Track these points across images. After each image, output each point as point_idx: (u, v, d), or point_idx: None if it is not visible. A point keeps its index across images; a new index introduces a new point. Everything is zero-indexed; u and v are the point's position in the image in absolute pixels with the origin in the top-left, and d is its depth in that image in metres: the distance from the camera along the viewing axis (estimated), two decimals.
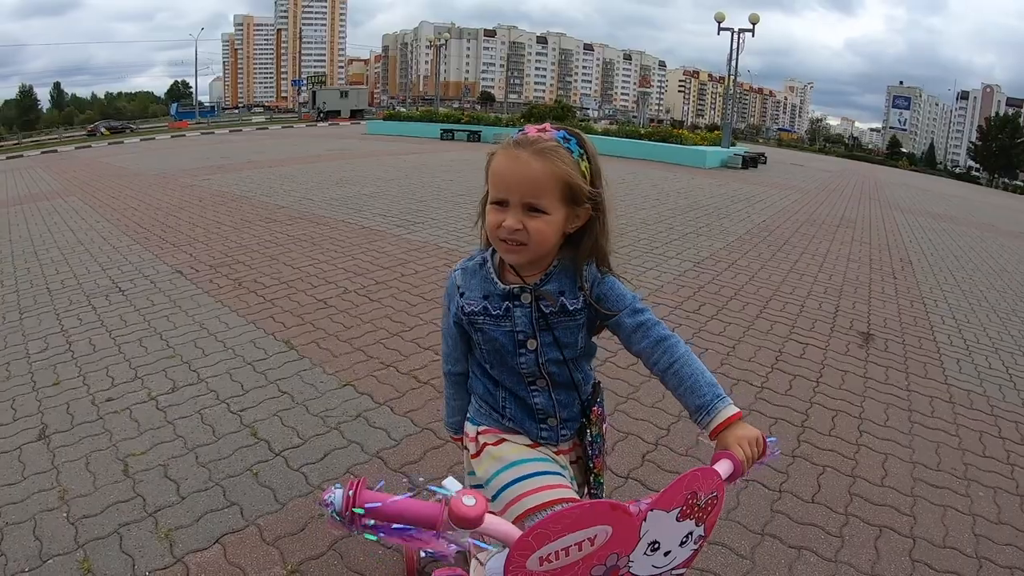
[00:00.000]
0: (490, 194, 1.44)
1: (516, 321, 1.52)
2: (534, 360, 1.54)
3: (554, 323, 1.52)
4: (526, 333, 1.52)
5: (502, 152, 1.41)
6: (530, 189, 1.37)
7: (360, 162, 17.71)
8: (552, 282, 1.51)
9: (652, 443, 3.39)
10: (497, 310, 1.52)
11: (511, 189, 1.38)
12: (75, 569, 2.39)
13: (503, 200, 1.40)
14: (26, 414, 3.63)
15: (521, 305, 1.51)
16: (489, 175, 1.44)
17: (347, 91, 70.33)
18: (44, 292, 5.97)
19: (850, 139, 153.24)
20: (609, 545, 1.02)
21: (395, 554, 2.47)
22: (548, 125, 1.43)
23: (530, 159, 1.36)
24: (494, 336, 1.54)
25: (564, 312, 1.51)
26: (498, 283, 1.53)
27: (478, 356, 1.64)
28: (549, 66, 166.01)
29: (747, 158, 22.54)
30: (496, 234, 1.42)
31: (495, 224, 1.41)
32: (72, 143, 43.02)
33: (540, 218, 1.39)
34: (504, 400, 1.61)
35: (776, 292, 6.43)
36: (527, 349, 1.53)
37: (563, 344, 1.54)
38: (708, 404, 1.40)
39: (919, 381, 4.50)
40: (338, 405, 3.67)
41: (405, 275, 6.28)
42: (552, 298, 1.49)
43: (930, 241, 10.95)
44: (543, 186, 1.37)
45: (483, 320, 1.54)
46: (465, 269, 1.61)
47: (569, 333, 1.54)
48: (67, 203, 11.61)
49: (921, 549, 2.67)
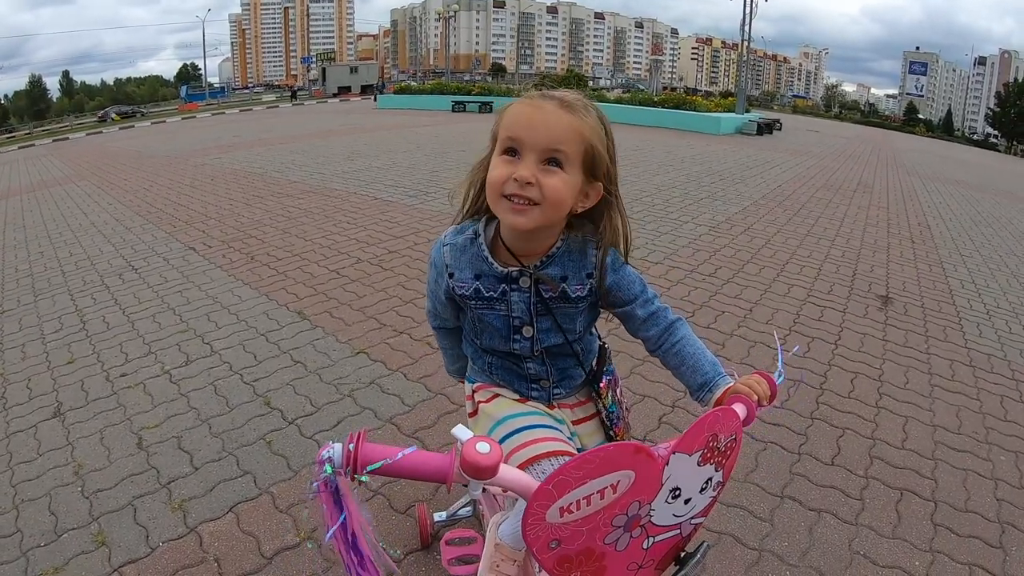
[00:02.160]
0: (500, 144, 1.26)
1: (512, 306, 1.40)
2: (529, 346, 1.46)
3: (554, 308, 1.41)
4: (523, 320, 1.42)
5: (522, 102, 1.25)
6: (551, 138, 1.20)
7: (371, 136, 17.61)
8: (554, 266, 1.37)
9: (669, 406, 3.33)
10: (492, 292, 1.40)
11: (528, 135, 1.21)
12: (90, 542, 2.38)
13: (515, 148, 1.22)
14: (41, 392, 3.63)
15: (519, 289, 1.38)
16: (501, 127, 1.26)
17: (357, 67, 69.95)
18: (58, 274, 5.97)
19: (866, 105, 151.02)
20: (632, 492, 0.95)
21: (409, 519, 2.44)
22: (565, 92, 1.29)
23: (556, 109, 1.22)
24: (488, 320, 1.44)
25: (565, 298, 1.40)
26: (494, 264, 1.38)
27: (466, 326, 1.57)
28: (560, 36, 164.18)
29: (762, 124, 22.20)
30: (502, 189, 1.22)
31: (502, 177, 1.22)
32: (83, 130, 43.12)
33: (557, 174, 1.21)
34: (491, 365, 1.55)
35: (793, 256, 6.32)
36: (523, 336, 1.44)
37: (564, 329, 1.45)
38: (711, 381, 1.33)
39: (939, 344, 4.41)
40: (351, 372, 3.64)
41: (418, 244, 6.22)
42: (553, 284, 1.37)
43: (948, 207, 10.73)
44: (566, 139, 1.21)
45: (475, 304, 1.43)
46: (454, 245, 1.43)
47: (569, 318, 1.44)
48: (79, 187, 11.63)
49: (943, 513, 2.61)
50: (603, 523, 0.96)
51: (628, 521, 0.99)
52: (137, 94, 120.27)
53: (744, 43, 28.65)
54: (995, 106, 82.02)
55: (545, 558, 0.94)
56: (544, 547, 0.93)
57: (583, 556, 0.96)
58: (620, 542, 0.99)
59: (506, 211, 1.24)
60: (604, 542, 0.98)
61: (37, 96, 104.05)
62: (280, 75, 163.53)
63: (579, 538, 0.95)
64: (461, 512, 2.31)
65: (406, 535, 2.36)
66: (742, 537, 2.38)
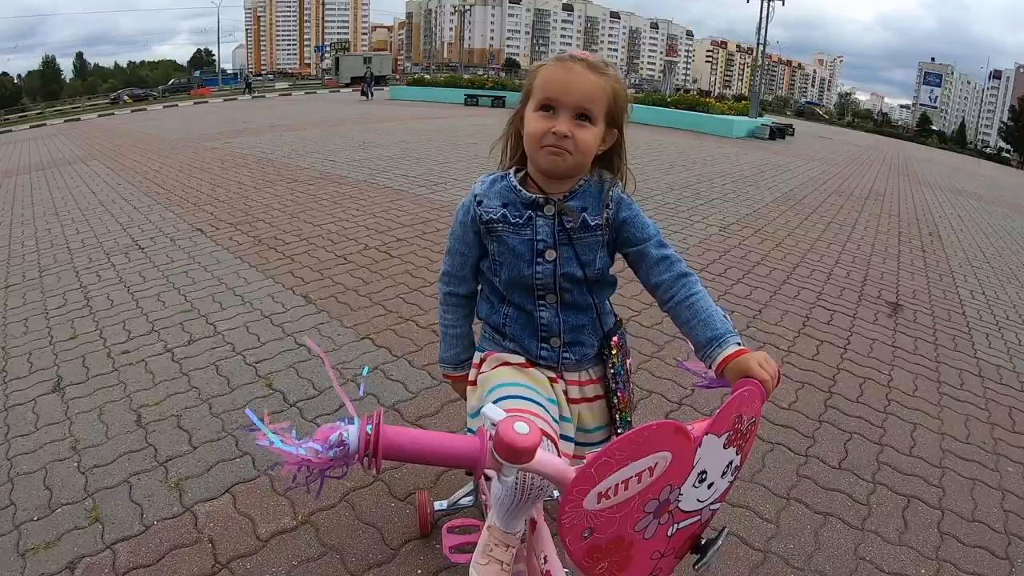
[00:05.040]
0: (536, 101, 1.40)
1: (538, 230, 1.48)
2: (551, 271, 1.50)
3: (575, 238, 1.49)
4: (546, 243, 1.48)
5: (553, 64, 1.41)
6: (584, 97, 1.36)
7: (383, 126, 17.54)
8: (576, 199, 1.48)
9: (675, 403, 3.28)
10: (518, 218, 1.49)
11: (563, 95, 1.36)
12: (83, 517, 2.35)
13: (552, 106, 1.38)
14: (42, 367, 3.61)
15: (543, 216, 1.48)
16: (535, 85, 1.41)
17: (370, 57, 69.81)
18: (64, 251, 5.95)
19: (879, 115, 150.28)
20: (666, 475, 0.91)
21: (408, 506, 2.40)
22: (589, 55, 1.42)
23: (585, 71, 1.37)
24: (512, 244, 1.50)
25: (585, 228, 1.48)
26: (522, 191, 1.50)
27: (487, 270, 1.60)
28: (575, 34, 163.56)
29: (774, 129, 22.00)
30: (542, 140, 1.39)
31: (541, 130, 1.38)
32: (95, 111, 43.10)
33: (588, 128, 1.38)
34: (507, 316, 1.58)
35: (803, 259, 6.26)
36: (545, 259, 1.49)
37: (583, 261, 1.51)
38: (721, 336, 1.33)
39: (948, 353, 4.35)
40: (355, 358, 3.60)
41: (427, 233, 6.18)
42: (574, 214, 1.47)
43: (959, 217, 10.63)
44: (596, 97, 1.37)
45: (502, 227, 1.50)
46: (483, 181, 1.57)
47: (589, 249, 1.51)
48: (89, 167, 11.62)
49: (949, 522, 2.57)
50: (636, 509, 0.91)
51: (659, 506, 0.94)
52: (150, 78, 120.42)
53: (759, 47, 28.46)
54: (1009, 120, 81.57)
55: (576, 548, 0.88)
56: (578, 537, 0.88)
57: (613, 545, 0.91)
58: (648, 529, 0.94)
59: (545, 156, 1.40)
60: (634, 529, 0.93)
61: (50, 77, 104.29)
62: (294, 63, 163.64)
63: (612, 526, 0.90)
64: (463, 501, 2.26)
65: (405, 523, 2.32)
66: (747, 538, 2.33)
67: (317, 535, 2.25)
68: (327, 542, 2.22)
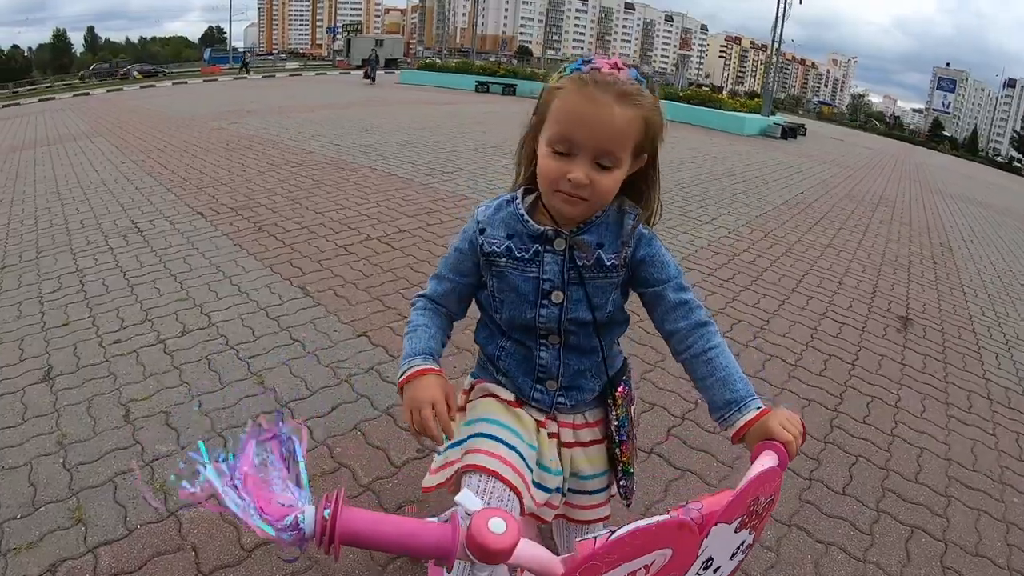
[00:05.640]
0: (551, 135, 1.20)
1: (545, 268, 1.33)
2: (556, 315, 1.35)
3: (587, 277, 1.33)
4: (553, 283, 1.33)
5: (575, 90, 1.18)
6: (608, 141, 1.17)
7: (392, 110, 17.45)
8: (591, 232, 1.31)
9: (679, 417, 3.21)
10: (524, 252, 1.33)
11: (582, 136, 1.17)
12: (66, 517, 2.29)
13: (570, 149, 1.18)
14: (32, 355, 3.54)
15: (552, 251, 1.32)
16: (552, 113, 1.21)
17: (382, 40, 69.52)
18: (63, 231, 5.88)
19: (891, 118, 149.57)
20: (665, 570, 0.82)
21: None
22: (619, 60, 1.20)
23: (612, 104, 1.15)
24: (515, 283, 1.35)
25: (599, 266, 1.32)
26: (529, 222, 1.32)
27: (485, 303, 1.46)
28: (588, 23, 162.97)
29: (786, 128, 21.84)
30: (555, 185, 1.22)
31: (556, 174, 1.20)
32: (104, 86, 42.97)
33: (610, 174, 1.20)
34: (503, 349, 1.44)
35: (813, 266, 6.17)
36: (551, 302, 1.34)
37: (594, 304, 1.35)
38: (741, 400, 1.20)
39: (957, 373, 4.26)
40: (350, 356, 3.52)
41: (431, 224, 6.10)
42: (588, 249, 1.30)
43: (970, 228, 10.50)
44: (623, 137, 1.18)
45: (505, 263, 1.35)
46: (488, 206, 1.41)
47: (602, 291, 1.35)
48: (94, 144, 11.55)
49: (953, 555, 2.49)
50: None
51: None
52: (161, 54, 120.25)
53: (775, 45, 28.21)
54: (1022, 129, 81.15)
55: None
56: None
57: None
58: None
59: (559, 202, 1.24)
60: None
61: (61, 50, 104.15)
62: (305, 43, 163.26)
63: None
64: None
65: None
66: (746, 567, 2.25)
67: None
68: (312, 556, 2.14)
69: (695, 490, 2.66)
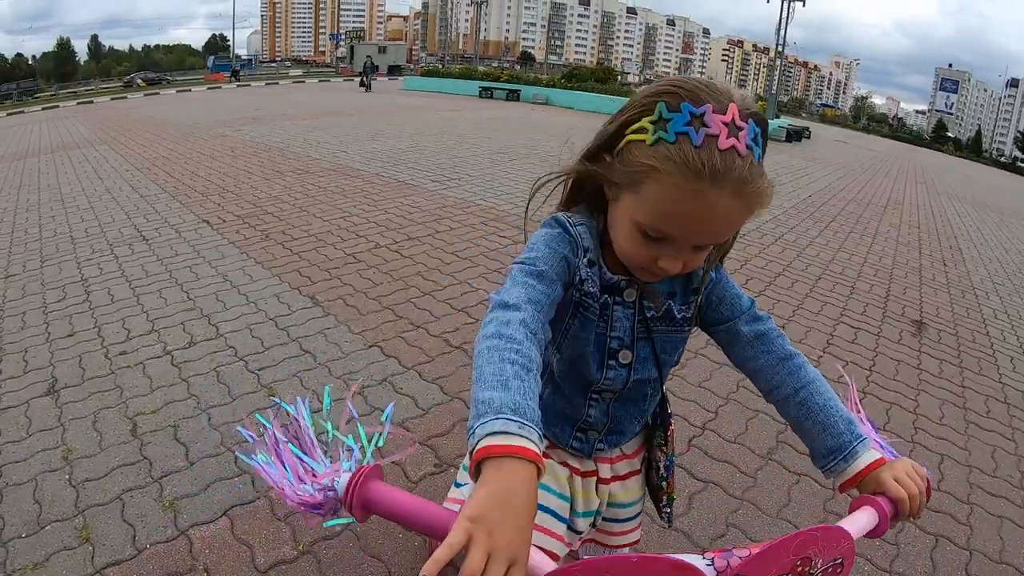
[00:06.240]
0: (642, 220, 0.94)
1: (615, 324, 1.12)
2: (624, 377, 1.16)
3: (655, 331, 1.15)
4: (622, 341, 1.13)
5: (682, 183, 0.87)
6: (715, 235, 0.95)
7: (396, 117, 17.39)
8: (662, 281, 1.10)
9: (699, 427, 3.12)
10: (594, 301, 1.10)
11: (686, 233, 0.93)
12: (73, 537, 2.21)
13: (665, 237, 0.94)
14: (37, 366, 3.47)
15: (623, 303, 1.11)
16: (645, 195, 0.92)
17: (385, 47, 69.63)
18: (67, 240, 5.82)
19: (894, 120, 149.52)
20: None
21: (417, 538, 2.24)
22: (737, 112, 0.88)
23: (728, 199, 0.88)
24: (580, 337, 1.13)
25: (669, 319, 1.14)
26: (604, 270, 1.08)
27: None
28: (591, 28, 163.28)
29: (791, 131, 21.75)
30: (642, 264, 0.99)
31: (645, 260, 0.98)
32: (108, 94, 43.03)
33: (706, 250, 1.01)
34: (543, 398, 1.17)
35: (826, 271, 6.09)
36: (619, 362, 1.15)
37: (661, 360, 1.18)
38: (846, 446, 1.02)
39: (973, 377, 4.18)
40: (363, 367, 3.44)
41: (439, 231, 6.02)
42: (658, 300, 1.12)
43: (979, 230, 10.41)
44: (732, 228, 0.96)
45: (593, 306, 1.10)
46: (585, 226, 1.09)
47: (671, 346, 1.18)
48: (98, 152, 11.51)
49: (978, 563, 2.42)
50: None
51: None
52: (164, 61, 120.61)
53: (778, 48, 28.19)
54: None
55: None
56: None
57: None
58: None
59: (641, 274, 1.04)
60: None
61: (64, 58, 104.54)
62: (309, 51, 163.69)
63: None
64: None
65: (413, 555, 2.17)
66: None
67: (319, 567, 2.10)
68: (330, 575, 2.07)
69: (719, 503, 2.59)
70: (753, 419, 3.22)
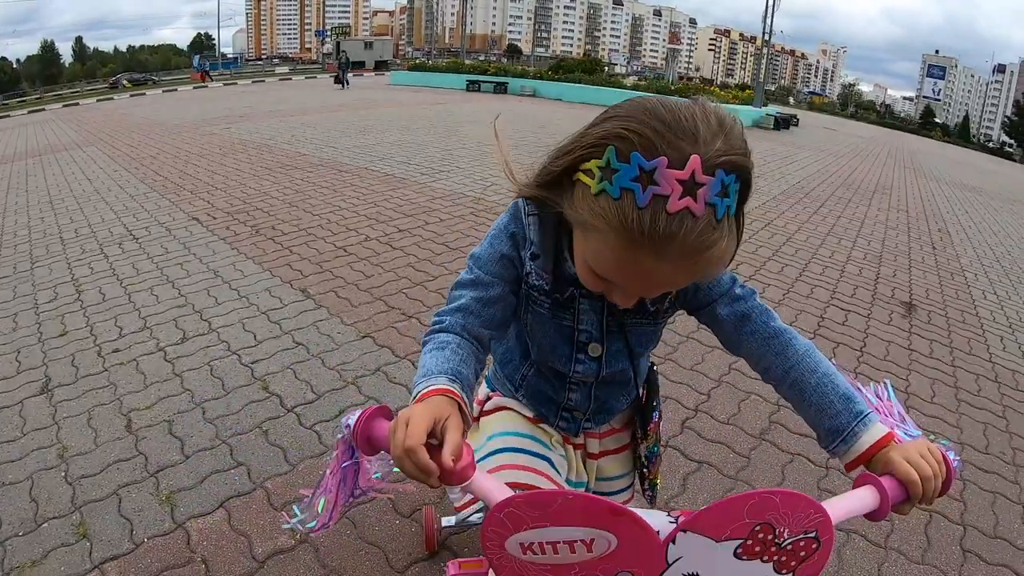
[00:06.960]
0: (587, 260, 0.88)
1: (580, 316, 1.11)
2: (595, 370, 1.17)
3: (628, 325, 1.13)
4: (591, 335, 1.13)
5: (619, 246, 0.79)
6: (662, 292, 0.95)
7: (384, 111, 17.35)
8: None
9: (692, 409, 3.14)
10: (558, 294, 1.08)
11: (633, 288, 0.90)
12: (71, 533, 2.22)
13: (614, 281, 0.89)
14: (30, 366, 3.46)
15: (589, 296, 1.08)
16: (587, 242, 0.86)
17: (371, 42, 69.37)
18: (57, 241, 5.80)
19: (882, 106, 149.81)
20: (615, 559, 0.72)
21: (414, 523, 2.26)
22: (699, 162, 0.76)
23: (674, 270, 0.81)
24: (546, 329, 1.14)
25: (642, 312, 1.11)
26: (568, 261, 1.04)
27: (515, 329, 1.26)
28: (577, 20, 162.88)
29: (779, 119, 21.86)
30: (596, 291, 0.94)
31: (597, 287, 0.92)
32: (94, 96, 42.72)
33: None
34: (524, 379, 1.27)
35: (815, 255, 6.12)
36: (588, 355, 1.15)
37: (635, 352, 1.18)
38: (844, 426, 0.96)
39: (963, 357, 4.22)
40: (356, 358, 3.45)
41: (429, 223, 6.02)
42: None
43: (967, 213, 10.50)
44: (679, 285, 0.90)
45: (543, 301, 1.11)
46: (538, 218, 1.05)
47: (644, 338, 1.17)
48: (86, 153, 11.45)
49: (972, 538, 2.45)
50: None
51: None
52: (150, 62, 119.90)
53: (764, 36, 28.22)
54: (1013, 115, 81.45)
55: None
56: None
57: None
58: None
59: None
60: None
61: (49, 61, 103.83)
62: (295, 48, 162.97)
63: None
64: (472, 518, 2.10)
65: (411, 541, 2.18)
66: None
67: (317, 556, 2.11)
68: (328, 563, 2.08)
69: (713, 482, 2.61)
70: (745, 400, 3.24)
